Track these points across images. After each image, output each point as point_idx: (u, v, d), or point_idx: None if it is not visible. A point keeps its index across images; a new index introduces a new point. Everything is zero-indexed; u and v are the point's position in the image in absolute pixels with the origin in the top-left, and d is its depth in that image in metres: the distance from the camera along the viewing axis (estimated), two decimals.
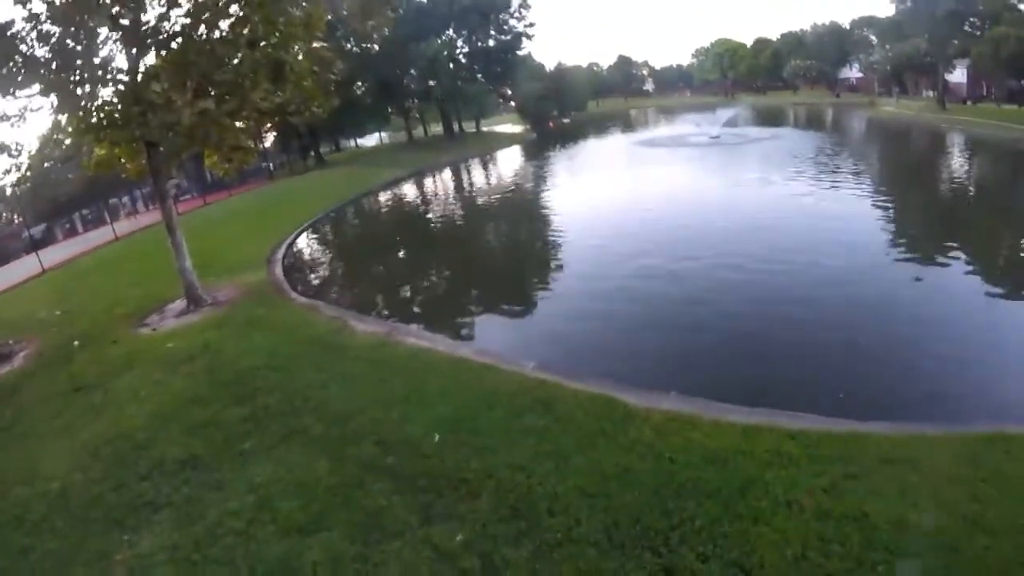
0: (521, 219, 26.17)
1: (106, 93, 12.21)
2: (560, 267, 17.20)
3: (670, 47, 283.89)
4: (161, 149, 13.05)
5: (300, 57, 13.65)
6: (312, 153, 55.17)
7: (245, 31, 12.33)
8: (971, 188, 26.51)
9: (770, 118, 66.28)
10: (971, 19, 52.11)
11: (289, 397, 8.69)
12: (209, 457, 7.24)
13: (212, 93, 12.39)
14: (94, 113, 12.05)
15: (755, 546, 5.12)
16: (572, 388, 8.30)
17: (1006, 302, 12.17)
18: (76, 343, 12.25)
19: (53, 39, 11.01)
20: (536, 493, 5.99)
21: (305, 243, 24.43)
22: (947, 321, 11.43)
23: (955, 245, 15.66)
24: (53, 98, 11.59)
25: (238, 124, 13.99)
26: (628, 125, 77.30)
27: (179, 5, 12.05)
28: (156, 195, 14.65)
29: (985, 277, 13.54)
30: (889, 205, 21.72)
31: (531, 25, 62.48)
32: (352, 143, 73.35)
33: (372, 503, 6.04)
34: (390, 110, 62.06)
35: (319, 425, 7.78)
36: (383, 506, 5.98)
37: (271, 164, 50.78)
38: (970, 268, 14.10)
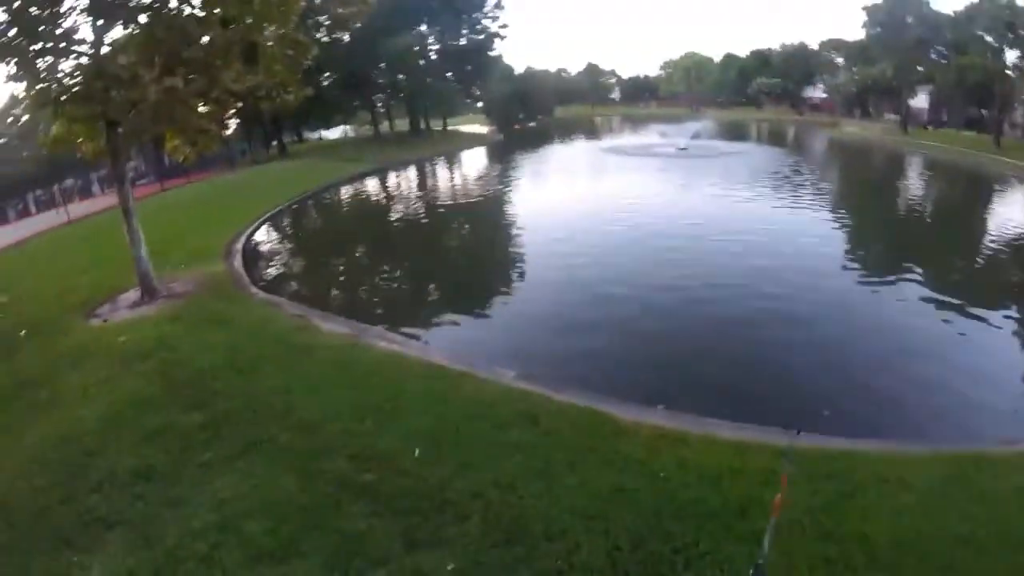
0: (488, 224, 25.61)
1: (68, 65, 11.38)
2: (524, 275, 16.70)
3: (638, 58, 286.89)
4: (121, 129, 12.26)
5: (272, 42, 12.98)
6: (275, 143, 53.77)
7: (217, 10, 11.62)
8: (943, 211, 27.29)
9: (736, 133, 67.22)
10: (937, 47, 53.73)
11: (251, 402, 8.05)
12: (166, 468, 6.58)
13: (180, 71, 11.65)
14: (54, 86, 11.20)
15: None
16: (556, 400, 7.96)
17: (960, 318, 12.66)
18: (23, 333, 11.34)
19: (15, 3, 10.13)
20: (529, 515, 5.59)
21: (266, 235, 23.47)
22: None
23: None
24: (11, 67, 10.72)
25: (204, 108, 13.23)
26: (593, 132, 77.42)
27: None
28: (113, 177, 13.74)
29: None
30: (870, 230, 21.93)
31: (504, 26, 62.13)
32: (316, 135, 71.84)
33: (350, 526, 5.51)
34: (356, 103, 60.87)
35: (285, 435, 7.18)
36: (362, 530, 5.45)
37: (233, 152, 49.21)
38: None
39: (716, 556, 5.06)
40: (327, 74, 51.01)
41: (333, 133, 72.40)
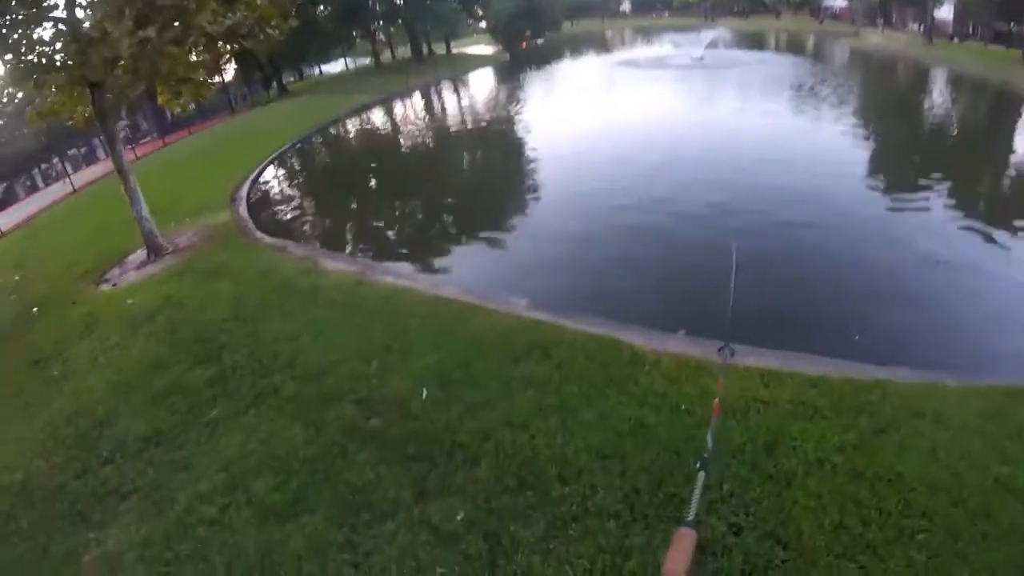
0: (495, 147, 24.74)
1: (45, 34, 11.00)
2: (536, 201, 16.00)
3: None
4: (108, 94, 11.85)
5: None
6: (274, 83, 52.63)
7: None
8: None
9: (753, 42, 63.80)
10: None
11: (257, 353, 7.90)
12: (174, 431, 6.48)
13: (156, 20, 11.07)
14: (30, 56, 10.78)
15: (791, 514, 4.57)
16: (571, 329, 7.59)
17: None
18: (35, 310, 11.27)
19: None
20: (543, 456, 5.34)
21: (271, 178, 22.97)
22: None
23: None
24: None
25: (193, 58, 12.81)
26: (604, 46, 74.25)
27: None
28: (105, 140, 13.32)
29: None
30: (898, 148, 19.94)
31: None
32: (316, 71, 70.18)
33: (357, 477, 5.35)
34: (355, 33, 58.96)
35: (292, 384, 7.04)
36: (370, 480, 5.29)
37: (232, 97, 48.26)
38: None
39: (742, 498, 4.70)
40: (321, 7, 49.31)
41: (334, 67, 70.63)
